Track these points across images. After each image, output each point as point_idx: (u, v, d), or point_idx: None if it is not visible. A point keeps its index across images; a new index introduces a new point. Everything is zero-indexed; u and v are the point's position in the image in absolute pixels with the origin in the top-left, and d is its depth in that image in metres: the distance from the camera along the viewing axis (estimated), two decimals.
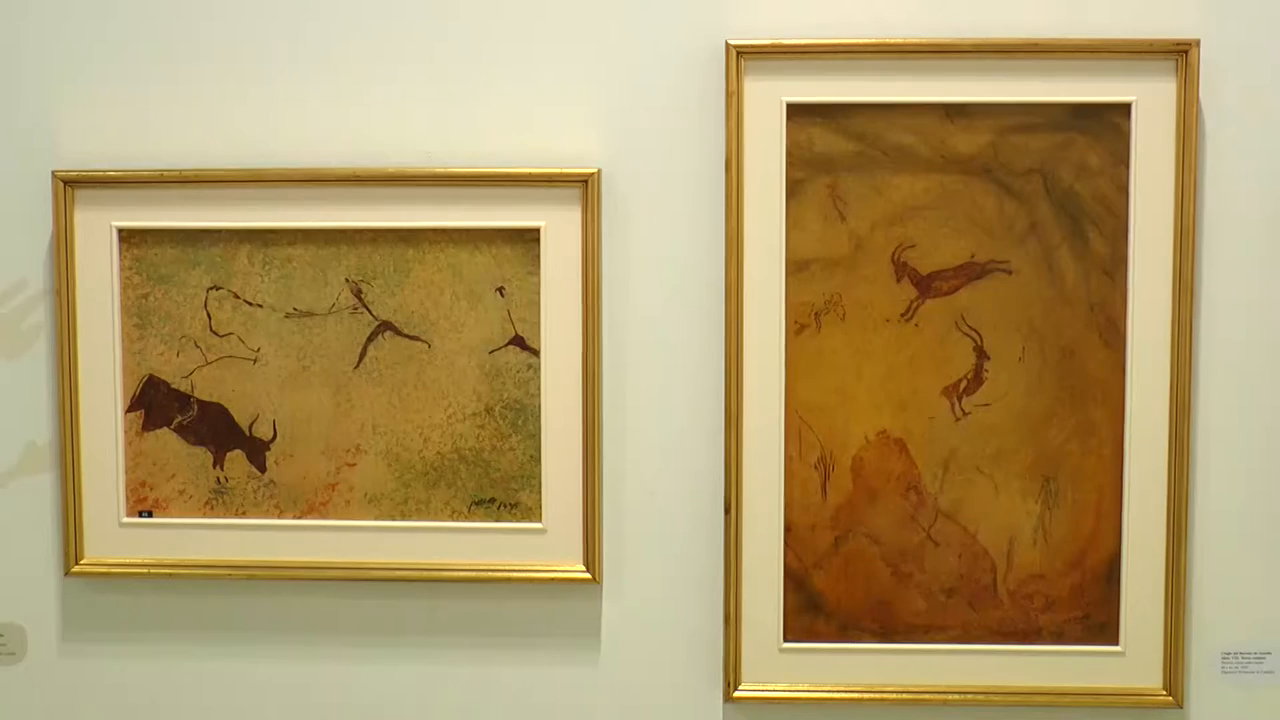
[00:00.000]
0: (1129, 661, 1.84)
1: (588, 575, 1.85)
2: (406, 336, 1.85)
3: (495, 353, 1.85)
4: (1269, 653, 1.87)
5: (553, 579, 1.86)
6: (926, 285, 1.82)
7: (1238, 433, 1.85)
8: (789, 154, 1.80)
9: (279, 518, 1.87)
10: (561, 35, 1.83)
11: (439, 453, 1.86)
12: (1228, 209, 1.83)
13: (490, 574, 1.86)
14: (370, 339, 1.85)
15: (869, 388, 1.83)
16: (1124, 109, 1.80)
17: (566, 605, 1.88)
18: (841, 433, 1.83)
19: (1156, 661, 1.84)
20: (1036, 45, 1.78)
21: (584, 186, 1.81)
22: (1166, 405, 1.82)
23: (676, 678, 1.89)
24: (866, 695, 1.85)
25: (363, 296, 1.85)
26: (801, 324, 1.82)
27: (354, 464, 1.86)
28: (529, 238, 1.83)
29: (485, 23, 1.82)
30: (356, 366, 1.85)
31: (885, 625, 1.85)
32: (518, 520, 1.86)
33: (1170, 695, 1.84)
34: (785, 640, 1.85)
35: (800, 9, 1.81)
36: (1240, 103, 1.81)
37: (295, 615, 1.91)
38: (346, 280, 1.84)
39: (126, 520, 1.88)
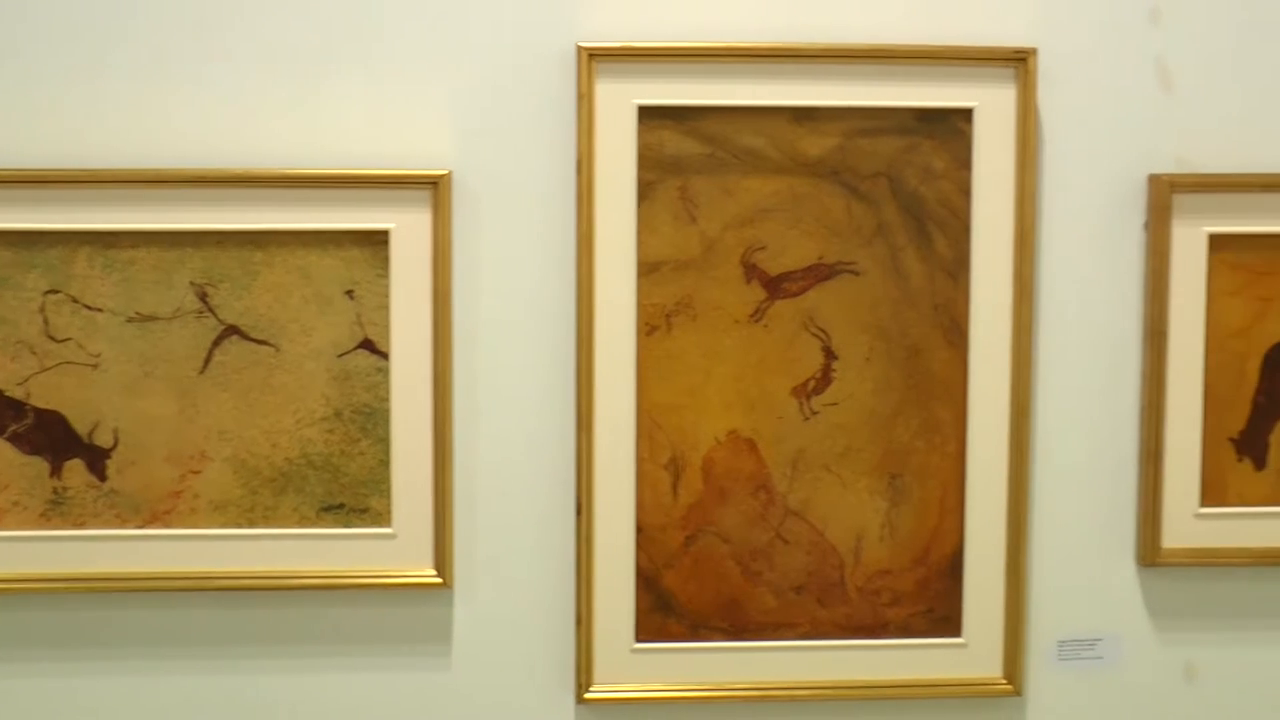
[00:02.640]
0: (971, 652, 1.97)
1: (439, 580, 1.91)
2: (254, 340, 1.89)
3: (345, 356, 1.90)
4: (1100, 639, 2.02)
5: (403, 584, 1.91)
6: (776, 286, 1.93)
7: (1074, 430, 1.98)
8: (640, 156, 1.88)
9: (121, 528, 1.88)
10: (413, 36, 1.87)
11: (287, 458, 1.90)
12: (1065, 211, 1.96)
13: (340, 581, 1.90)
14: (216, 343, 1.88)
15: (719, 388, 1.93)
16: (966, 114, 1.92)
17: (418, 610, 1.93)
18: (692, 433, 1.93)
19: (997, 652, 1.97)
20: (882, 51, 1.89)
21: (434, 188, 1.87)
22: (1007, 403, 1.94)
23: (528, 681, 1.95)
24: (718, 694, 1.94)
25: (208, 300, 1.88)
26: (652, 325, 1.91)
27: (199, 471, 1.89)
28: (379, 240, 1.87)
29: (335, 23, 1.86)
30: (202, 371, 1.88)
31: (736, 624, 1.95)
32: (368, 526, 1.91)
33: (1010, 684, 1.97)
34: (637, 641, 1.93)
35: (652, 12, 1.88)
36: (1075, 109, 1.94)
37: (139, 628, 1.92)
38: (191, 283, 1.87)
39: None
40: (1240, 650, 2.03)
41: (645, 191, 1.89)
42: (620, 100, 1.87)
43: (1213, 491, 1.99)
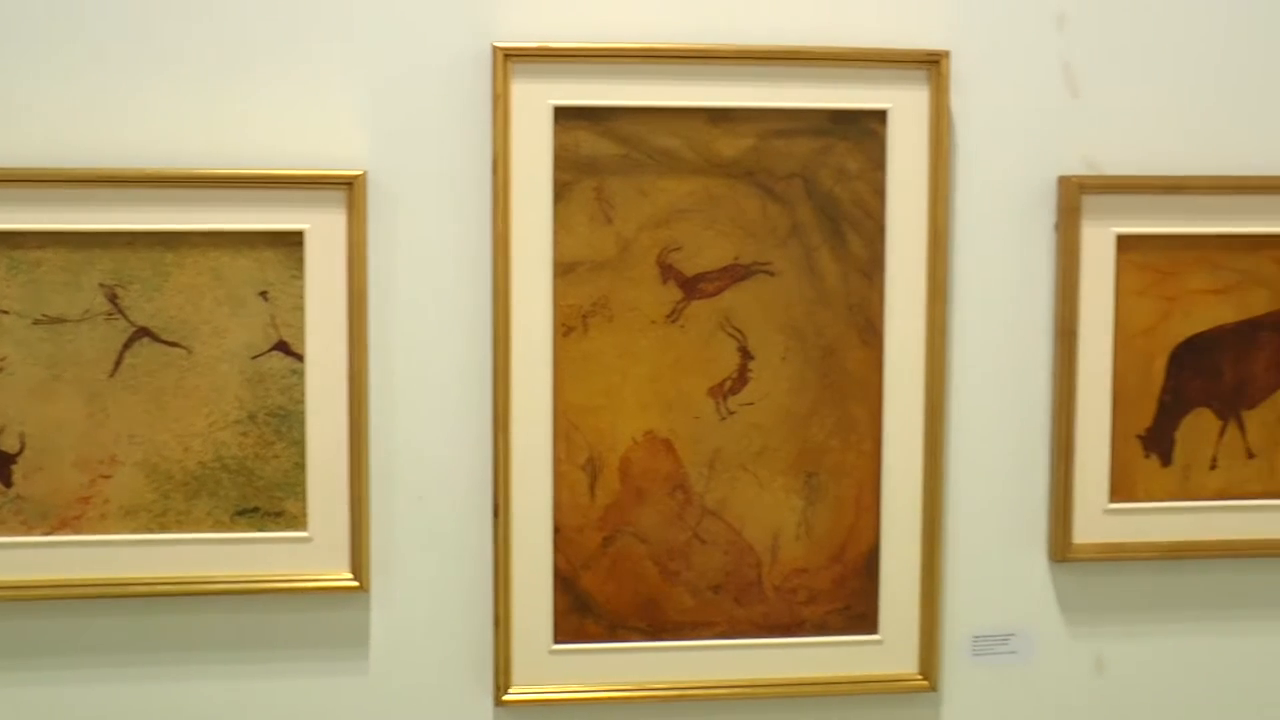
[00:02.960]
0: (887, 649, 2.00)
1: (355, 583, 1.91)
2: (165, 343, 1.87)
3: (258, 358, 1.89)
4: (1013, 634, 2.07)
5: (319, 588, 1.90)
6: (692, 287, 1.95)
7: (987, 428, 2.01)
8: (556, 157, 1.89)
9: (28, 534, 1.86)
10: (327, 36, 1.86)
11: (200, 462, 1.89)
12: (978, 212, 1.99)
13: (255, 585, 1.89)
14: (126, 346, 1.86)
15: (636, 389, 1.94)
16: (880, 115, 1.94)
17: (334, 615, 1.93)
18: (609, 434, 1.94)
19: (912, 648, 2.01)
20: (797, 53, 1.91)
21: (349, 189, 1.86)
22: (921, 401, 1.97)
23: (446, 683, 1.96)
24: (636, 693, 1.96)
25: (118, 302, 1.86)
26: (569, 326, 1.93)
27: (109, 476, 1.87)
28: (293, 241, 1.87)
29: (248, 21, 1.85)
30: (112, 375, 1.86)
31: (654, 623, 1.97)
32: (283, 529, 1.90)
33: (925, 680, 2.00)
34: (555, 642, 1.94)
35: (568, 13, 1.89)
36: (987, 111, 1.98)
37: (47, 637, 1.90)
38: (101, 285, 1.85)
39: None
40: (1147, 642, 2.09)
41: (561, 192, 1.90)
42: (536, 101, 1.88)
43: (1121, 488, 2.04)
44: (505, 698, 1.94)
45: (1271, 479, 2.06)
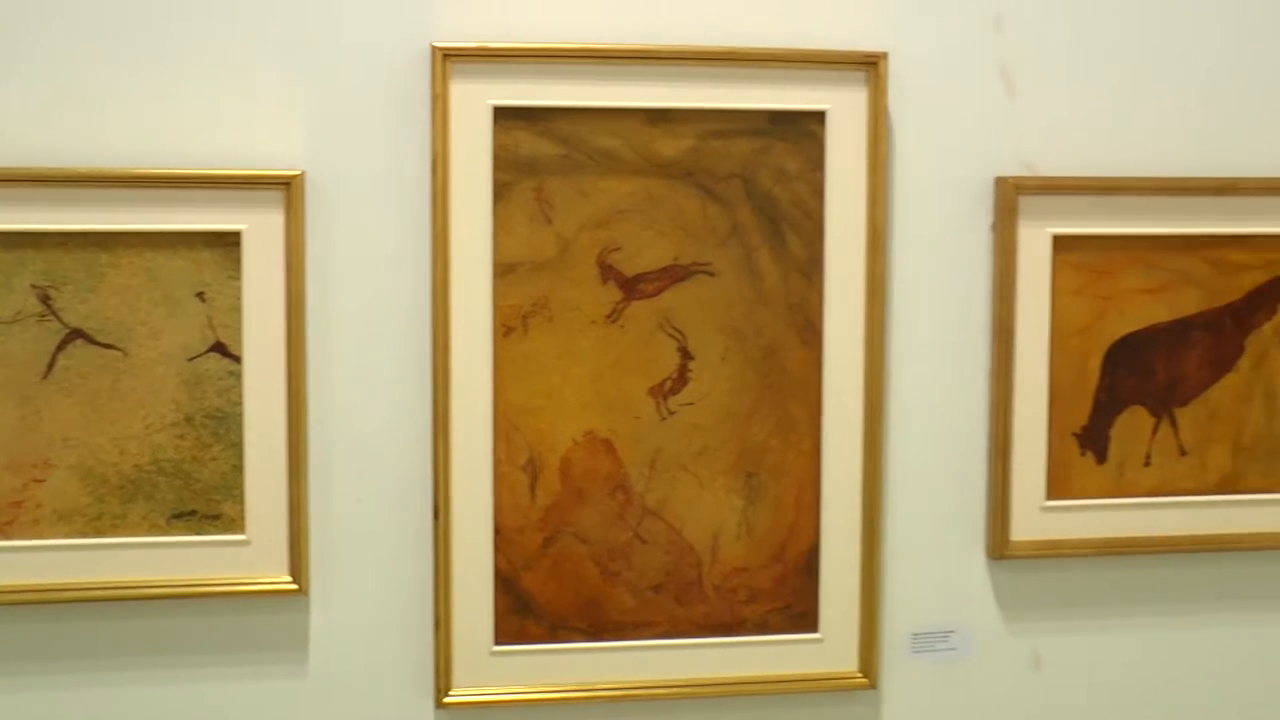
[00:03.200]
0: (827, 647, 2.02)
1: (294, 586, 1.90)
2: (100, 345, 1.86)
3: (195, 360, 1.88)
4: (952, 631, 2.09)
5: (258, 592, 1.89)
6: (632, 287, 1.96)
7: (926, 426, 2.03)
8: (495, 157, 1.89)
9: None
10: (265, 35, 1.85)
11: (136, 465, 1.87)
12: (916, 212, 2.01)
13: (192, 589, 1.88)
14: (60, 348, 1.84)
15: (576, 389, 1.95)
16: (819, 116, 1.96)
17: (273, 618, 1.92)
18: (549, 434, 1.95)
19: (852, 646, 2.03)
20: (736, 54, 1.92)
21: (286, 189, 1.86)
22: (860, 401, 1.99)
23: (387, 686, 1.96)
24: (578, 694, 1.96)
25: (51, 303, 1.84)
26: (509, 326, 1.93)
27: (43, 480, 1.85)
28: (230, 241, 1.86)
29: (183, 19, 1.84)
30: (45, 377, 1.84)
31: (595, 624, 1.98)
32: (221, 532, 1.89)
33: (865, 677, 2.02)
34: (496, 643, 1.94)
35: (507, 13, 1.89)
36: (925, 112, 2.00)
37: None
38: (33, 286, 1.83)
39: None
40: (1084, 638, 2.12)
41: (500, 192, 1.90)
42: (475, 101, 1.88)
43: (1057, 485, 2.07)
44: (446, 700, 1.94)
45: (1203, 476, 2.10)
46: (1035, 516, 2.06)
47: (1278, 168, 2.08)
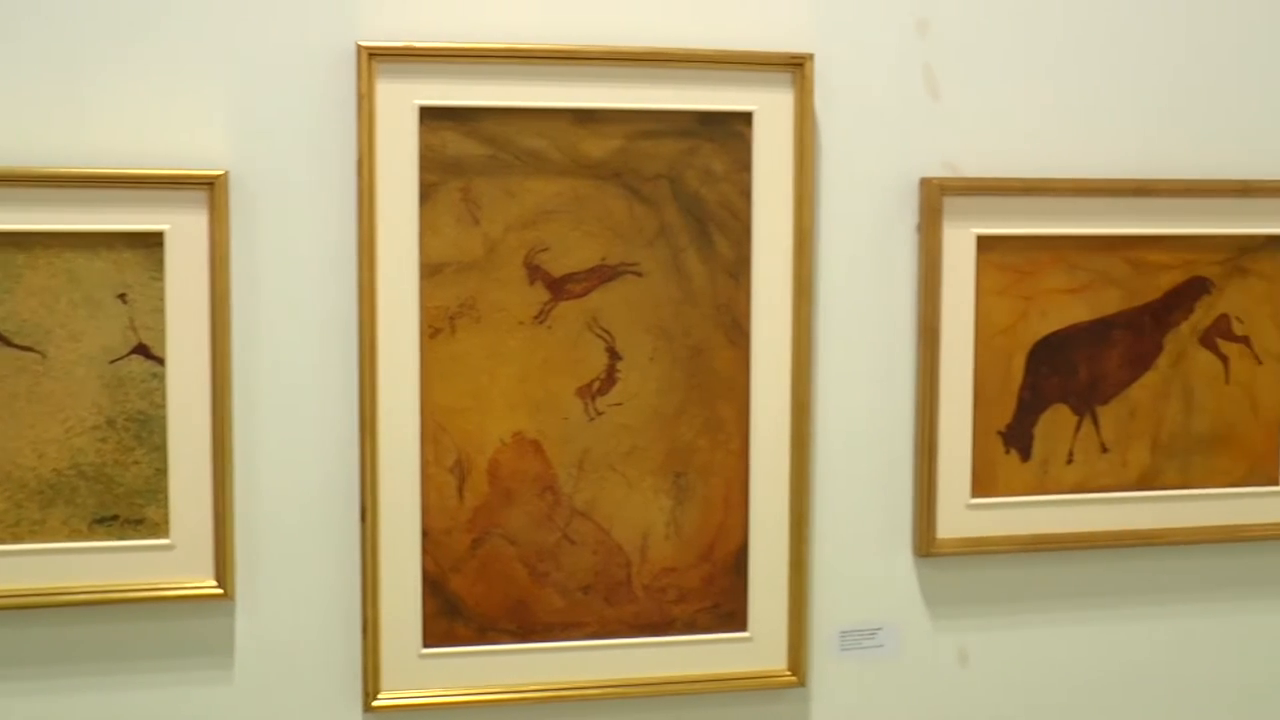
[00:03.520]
0: (756, 646, 2.04)
1: (220, 591, 1.89)
2: (17, 347, 1.83)
3: (117, 362, 1.86)
4: (880, 628, 2.12)
5: (182, 596, 1.88)
6: (559, 288, 1.97)
7: (853, 425, 2.06)
8: (422, 157, 1.89)
9: None
10: (189, 32, 1.84)
11: (56, 470, 1.85)
12: (842, 213, 2.04)
13: (115, 595, 1.86)
14: None
15: (504, 390, 1.95)
16: (746, 117, 1.98)
17: (198, 623, 1.91)
18: (477, 435, 1.95)
19: (781, 644, 2.05)
20: (663, 54, 1.94)
21: (210, 189, 1.85)
22: (788, 400, 2.02)
23: (314, 691, 1.95)
24: (507, 696, 1.97)
25: None
26: (436, 327, 1.93)
27: None
28: (152, 242, 1.84)
29: (105, 16, 1.82)
30: None
31: (524, 625, 1.98)
32: (144, 537, 1.87)
33: (794, 675, 2.04)
34: (424, 646, 1.94)
35: (434, 12, 1.89)
36: (851, 114, 2.03)
37: None
38: None
39: None
40: (1009, 633, 2.15)
41: (427, 193, 1.90)
42: (401, 101, 1.88)
43: (982, 482, 2.10)
44: (374, 703, 1.94)
45: (1124, 472, 2.14)
46: (961, 514, 2.09)
47: (1194, 170, 2.12)
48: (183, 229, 1.86)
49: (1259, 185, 2.13)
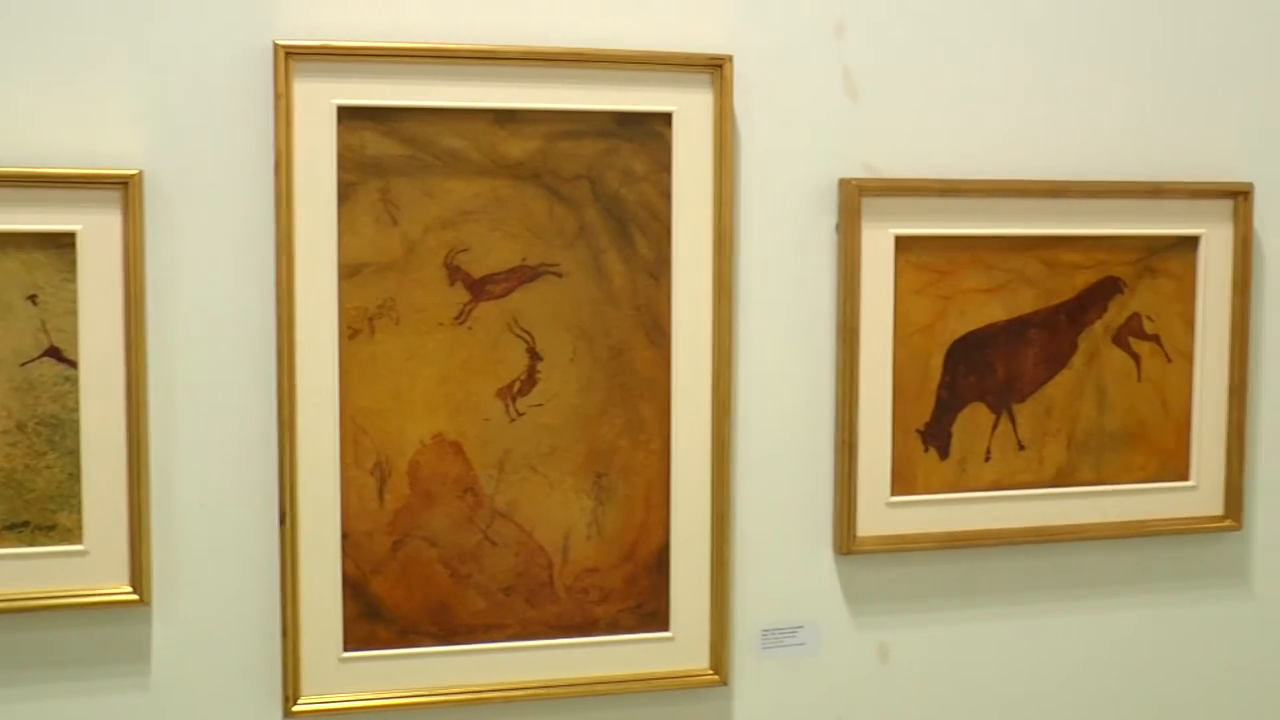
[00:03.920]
0: (678, 645, 2.06)
1: (135, 597, 1.87)
2: None
3: (28, 365, 1.84)
4: (801, 626, 2.15)
5: (97, 603, 1.86)
6: (479, 288, 1.98)
7: (773, 424, 2.09)
8: (340, 157, 1.89)
9: None
10: (103, 29, 1.83)
11: None
12: (762, 213, 2.07)
13: (27, 603, 1.84)
14: None
15: (424, 391, 1.96)
16: (666, 118, 2.00)
17: (113, 630, 1.89)
18: (398, 437, 1.95)
19: (703, 644, 2.07)
20: (583, 55, 1.96)
21: (124, 188, 1.83)
22: (709, 400, 2.04)
23: (233, 696, 1.94)
24: (429, 699, 1.97)
25: None
26: (355, 329, 1.93)
27: None
28: (64, 242, 1.83)
29: (20, 17, 1.81)
30: None
31: (445, 627, 1.99)
32: (56, 543, 1.85)
33: (716, 674, 2.07)
34: (345, 649, 1.94)
35: (352, 11, 1.89)
36: (770, 115, 2.06)
37: None
38: None
39: None
40: (929, 630, 2.19)
41: (346, 193, 1.90)
42: (319, 100, 1.88)
43: (902, 481, 2.14)
44: (295, 708, 1.93)
45: (1040, 469, 2.19)
46: (881, 512, 2.13)
47: (1107, 171, 2.17)
48: (96, 229, 1.84)
49: (1169, 187, 2.18)
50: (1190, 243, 2.21)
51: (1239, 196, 2.21)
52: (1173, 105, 2.21)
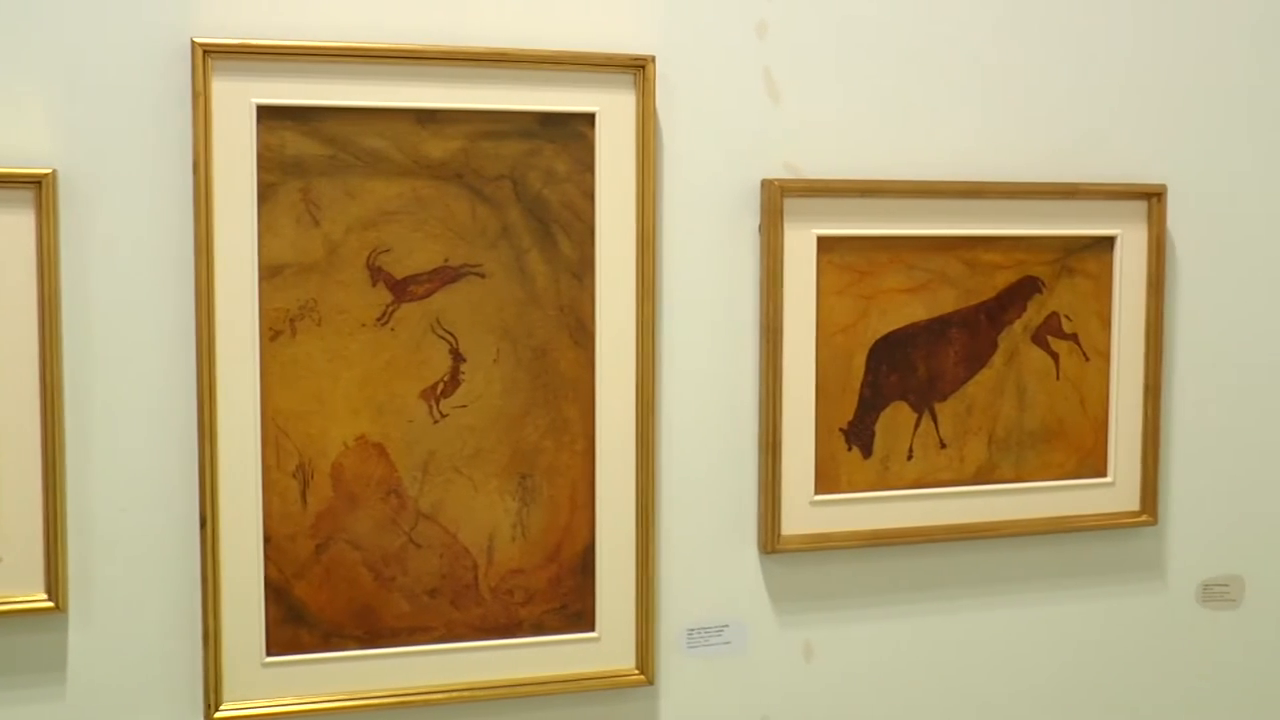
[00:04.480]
0: (604, 646, 2.08)
1: (51, 604, 1.86)
2: None
3: None
4: (726, 626, 2.18)
5: (11, 611, 1.85)
6: (402, 289, 1.99)
7: (698, 424, 2.12)
8: (260, 157, 1.90)
9: None
10: (14, 25, 1.82)
11: None
12: (685, 214, 2.09)
13: None
14: None
15: (346, 393, 1.96)
16: (588, 118, 2.02)
17: (28, 639, 1.88)
18: (320, 439, 1.96)
19: (630, 644, 2.09)
20: (505, 55, 1.97)
21: (37, 188, 1.82)
22: (633, 400, 2.06)
23: (153, 704, 1.93)
24: (354, 703, 1.97)
25: None
26: (276, 330, 1.93)
27: None
28: None
29: None
30: None
31: (370, 631, 1.99)
32: None
33: (643, 674, 2.09)
34: (268, 654, 1.94)
35: (272, 9, 1.89)
36: (693, 115, 2.08)
37: None
38: None
39: None
40: (853, 627, 2.23)
41: (266, 193, 1.90)
42: (238, 99, 1.88)
43: (826, 480, 2.17)
44: (217, 715, 1.93)
45: (961, 467, 2.23)
46: (805, 511, 2.16)
47: (1025, 172, 2.23)
48: (8, 230, 1.83)
49: (1085, 188, 2.24)
50: (1106, 243, 2.27)
51: (1153, 198, 2.27)
52: (1088, 108, 2.26)
